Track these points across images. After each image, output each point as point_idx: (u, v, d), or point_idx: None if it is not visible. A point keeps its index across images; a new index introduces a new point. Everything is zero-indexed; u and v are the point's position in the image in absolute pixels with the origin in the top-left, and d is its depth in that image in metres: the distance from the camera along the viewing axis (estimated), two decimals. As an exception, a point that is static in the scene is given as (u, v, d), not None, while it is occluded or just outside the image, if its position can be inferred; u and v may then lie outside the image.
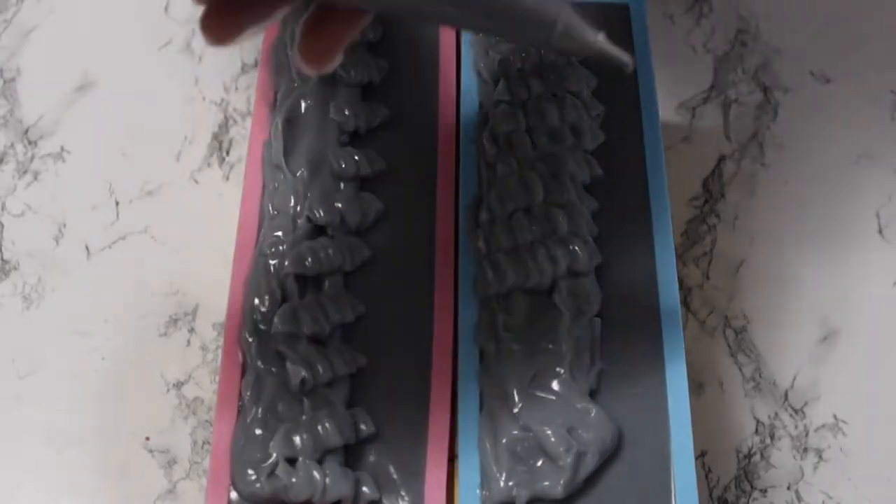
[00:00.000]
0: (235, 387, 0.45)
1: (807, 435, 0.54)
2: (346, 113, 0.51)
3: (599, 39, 0.37)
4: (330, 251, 0.47)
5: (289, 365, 0.44)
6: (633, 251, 0.50)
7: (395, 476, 0.44)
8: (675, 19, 0.69)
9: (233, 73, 0.66)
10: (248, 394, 0.44)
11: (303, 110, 0.52)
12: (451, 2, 0.33)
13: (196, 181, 0.62)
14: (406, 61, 0.55)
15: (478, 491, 0.43)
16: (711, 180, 0.63)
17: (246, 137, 0.62)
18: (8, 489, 0.51)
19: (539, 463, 0.43)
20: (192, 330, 0.56)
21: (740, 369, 0.56)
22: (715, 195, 0.62)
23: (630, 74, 0.56)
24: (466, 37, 0.56)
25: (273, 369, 0.44)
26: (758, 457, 0.53)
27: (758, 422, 0.54)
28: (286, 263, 0.47)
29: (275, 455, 0.42)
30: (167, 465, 0.52)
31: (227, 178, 0.62)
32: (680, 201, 0.61)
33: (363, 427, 0.44)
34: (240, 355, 0.46)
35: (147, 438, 0.52)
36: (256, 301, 0.46)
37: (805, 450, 0.54)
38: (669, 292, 0.48)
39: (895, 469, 0.53)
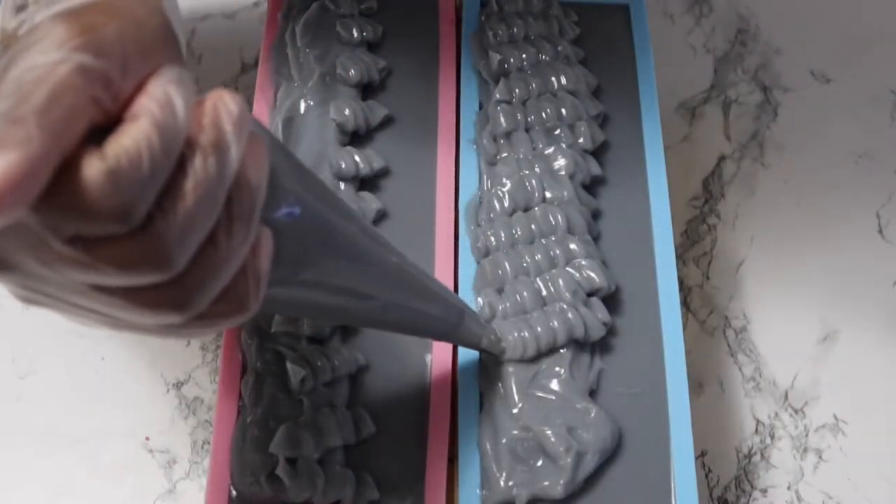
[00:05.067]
0: (235, 387, 0.45)
1: (807, 435, 0.54)
2: (346, 113, 0.51)
3: (483, 342, 0.44)
4: (330, 251, 0.47)
5: (289, 365, 0.44)
6: (633, 251, 0.50)
7: (395, 476, 0.44)
8: (675, 19, 0.69)
9: (233, 73, 0.66)
10: (248, 394, 0.44)
11: (302, 110, 0.52)
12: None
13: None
14: (406, 61, 0.55)
15: (478, 491, 0.43)
16: (711, 180, 0.63)
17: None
18: (8, 489, 0.51)
19: (539, 463, 0.43)
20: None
21: (740, 369, 0.56)
22: (715, 195, 0.62)
23: (630, 74, 0.56)
24: (466, 37, 0.56)
25: (273, 369, 0.44)
26: (758, 457, 0.53)
27: (758, 422, 0.54)
28: (286, 263, 0.47)
29: (275, 455, 0.42)
30: (167, 465, 0.52)
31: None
32: (680, 201, 0.61)
33: (363, 427, 0.44)
34: (240, 355, 0.46)
35: (147, 438, 0.52)
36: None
37: (805, 450, 0.54)
38: (669, 292, 0.48)
39: (895, 469, 0.53)
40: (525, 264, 0.47)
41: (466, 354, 0.46)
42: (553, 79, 0.53)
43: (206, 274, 0.24)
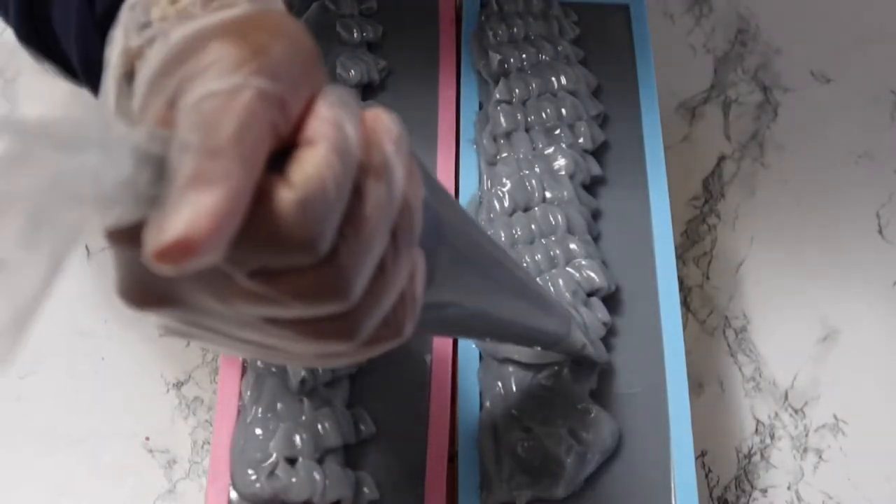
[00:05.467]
0: (235, 387, 0.45)
1: (807, 435, 0.54)
2: (346, 113, 0.51)
3: (588, 348, 0.43)
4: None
5: (289, 365, 0.44)
6: (633, 251, 0.50)
7: (395, 476, 0.44)
8: (675, 19, 0.69)
9: (233, 73, 0.66)
10: (248, 394, 0.44)
11: (303, 110, 0.52)
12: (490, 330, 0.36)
13: (196, 181, 0.61)
14: (406, 61, 0.55)
15: (478, 491, 0.43)
16: (711, 180, 0.63)
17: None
18: (8, 489, 0.51)
19: (539, 463, 0.43)
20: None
21: (740, 369, 0.56)
22: (715, 195, 0.62)
23: (630, 74, 0.56)
24: (466, 37, 0.56)
25: (273, 369, 0.44)
26: (758, 457, 0.53)
27: (758, 422, 0.54)
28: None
29: (275, 455, 0.42)
30: (167, 465, 0.52)
31: (227, 178, 0.62)
32: (680, 201, 0.61)
33: (363, 427, 0.44)
34: (240, 355, 0.46)
35: (147, 438, 0.52)
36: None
37: (805, 450, 0.54)
38: (669, 292, 0.48)
39: (895, 469, 0.53)
40: (525, 264, 0.47)
41: (466, 354, 0.46)
42: (553, 79, 0.53)
43: (375, 302, 0.23)
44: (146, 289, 0.21)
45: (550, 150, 0.51)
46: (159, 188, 0.18)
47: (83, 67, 0.35)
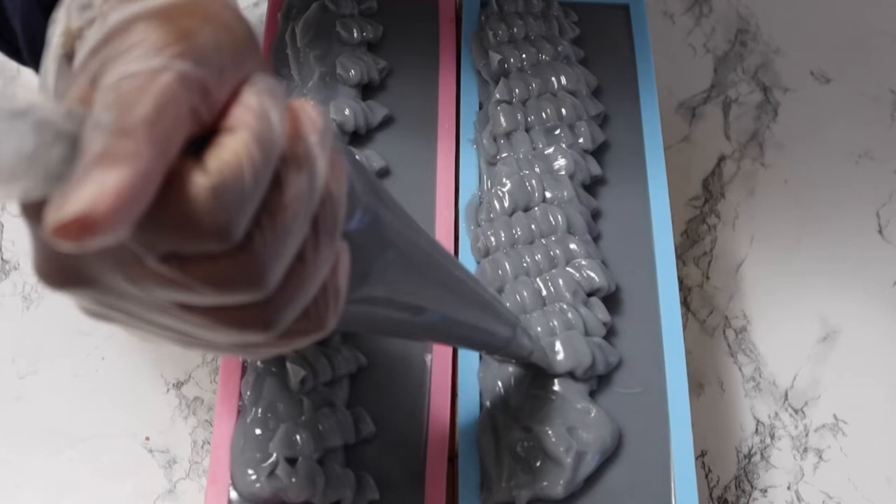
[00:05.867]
0: (235, 387, 0.45)
1: (807, 435, 0.54)
2: (346, 113, 0.51)
3: (534, 355, 0.43)
4: (330, 251, 0.47)
5: (289, 365, 0.44)
6: (633, 251, 0.50)
7: (395, 476, 0.44)
8: (675, 19, 0.69)
9: (233, 73, 0.66)
10: (248, 394, 0.44)
11: (303, 110, 0.52)
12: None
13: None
14: (406, 61, 0.55)
15: (478, 491, 0.43)
16: (711, 180, 0.63)
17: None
18: (8, 489, 0.51)
19: (539, 463, 0.43)
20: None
21: (740, 369, 0.56)
22: (715, 195, 0.62)
23: (630, 74, 0.56)
24: (466, 37, 0.56)
25: (273, 369, 0.44)
26: (758, 457, 0.53)
27: (758, 422, 0.54)
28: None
29: (275, 455, 0.42)
30: (167, 465, 0.52)
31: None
32: (680, 201, 0.61)
33: (363, 427, 0.44)
34: (240, 355, 0.46)
35: (147, 438, 0.52)
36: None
37: (805, 450, 0.54)
38: (669, 292, 0.48)
39: (895, 469, 0.53)
40: (525, 264, 0.47)
41: (466, 354, 0.46)
42: (553, 79, 0.53)
43: (294, 292, 0.23)
44: (61, 268, 0.21)
45: (550, 150, 0.51)
46: (70, 166, 0.18)
47: (28, 47, 0.35)
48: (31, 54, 0.35)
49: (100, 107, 0.19)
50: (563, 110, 0.52)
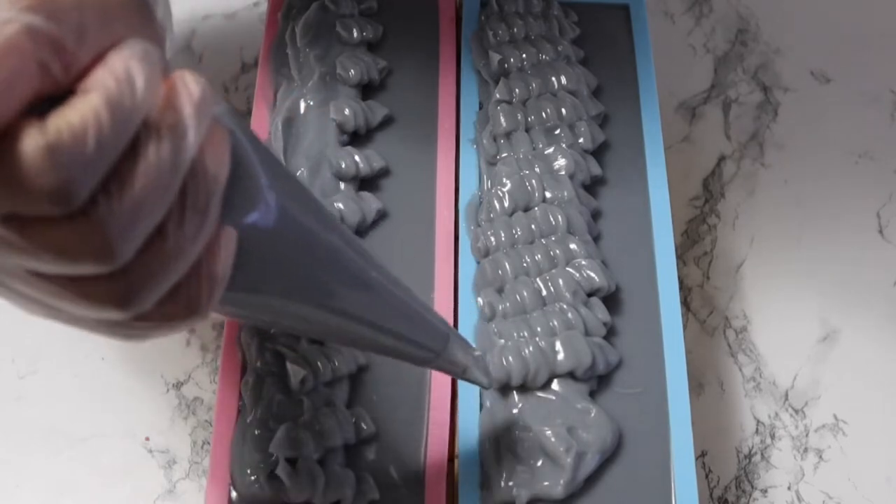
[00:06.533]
0: (235, 387, 0.45)
1: (807, 435, 0.54)
2: (346, 113, 0.51)
3: (468, 372, 0.40)
4: (330, 251, 0.47)
5: (289, 365, 0.44)
6: (633, 251, 0.50)
7: (395, 476, 0.44)
8: (675, 19, 0.69)
9: (233, 73, 0.66)
10: (248, 394, 0.44)
11: (302, 110, 0.52)
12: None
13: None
14: (406, 61, 0.55)
15: (478, 491, 0.43)
16: (711, 180, 0.63)
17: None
18: (8, 489, 0.51)
19: (539, 463, 0.43)
20: (191, 330, 0.56)
21: (740, 369, 0.56)
22: (715, 195, 0.62)
23: (630, 74, 0.56)
24: (466, 37, 0.56)
25: (273, 369, 0.44)
26: (758, 457, 0.53)
27: (758, 422, 0.54)
28: (286, 263, 0.47)
29: (275, 455, 0.42)
30: (167, 465, 0.52)
31: (227, 178, 0.62)
32: (680, 201, 0.61)
33: (363, 427, 0.44)
34: (240, 355, 0.46)
35: (147, 438, 0.52)
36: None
37: (805, 450, 0.54)
38: (669, 292, 0.48)
39: (895, 469, 0.53)
40: (525, 264, 0.47)
41: (466, 354, 0.46)
42: (553, 79, 0.53)
43: (153, 269, 0.22)
44: None
45: (550, 150, 0.51)
46: None
47: None
48: None
49: None
50: (564, 110, 0.52)
